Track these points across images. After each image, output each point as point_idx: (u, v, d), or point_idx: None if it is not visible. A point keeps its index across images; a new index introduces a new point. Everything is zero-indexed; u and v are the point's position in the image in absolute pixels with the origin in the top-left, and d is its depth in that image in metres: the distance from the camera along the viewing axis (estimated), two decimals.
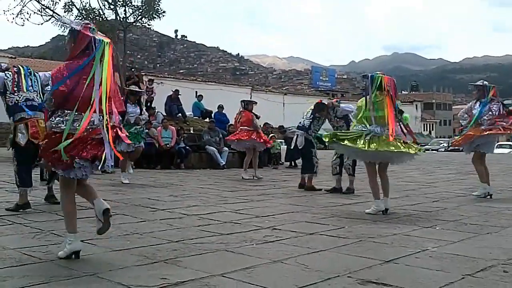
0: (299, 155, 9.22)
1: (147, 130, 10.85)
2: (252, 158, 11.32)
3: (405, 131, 6.32)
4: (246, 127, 11.14)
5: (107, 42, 3.74)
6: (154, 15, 25.54)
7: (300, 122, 8.96)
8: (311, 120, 8.77)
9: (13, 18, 23.59)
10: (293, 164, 15.13)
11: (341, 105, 8.74)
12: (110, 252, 3.94)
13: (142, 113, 9.95)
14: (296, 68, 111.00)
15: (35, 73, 6.06)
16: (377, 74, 6.23)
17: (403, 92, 76.63)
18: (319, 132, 9.32)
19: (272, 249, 4.15)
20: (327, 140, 6.52)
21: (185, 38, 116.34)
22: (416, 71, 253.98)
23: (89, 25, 3.81)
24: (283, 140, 16.60)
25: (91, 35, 3.70)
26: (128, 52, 29.53)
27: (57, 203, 6.08)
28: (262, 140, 11.27)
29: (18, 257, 3.70)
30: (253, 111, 11.39)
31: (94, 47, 3.67)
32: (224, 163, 13.99)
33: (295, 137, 8.99)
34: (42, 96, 5.85)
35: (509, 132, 8.11)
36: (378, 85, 6.07)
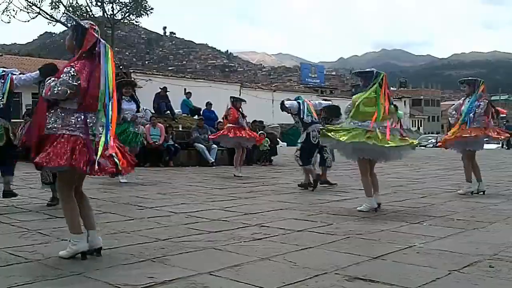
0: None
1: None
2: (239, 155, 11.31)
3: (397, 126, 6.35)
4: (232, 124, 11.13)
5: (109, 46, 3.78)
6: (142, 12, 25.52)
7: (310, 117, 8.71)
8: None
9: None
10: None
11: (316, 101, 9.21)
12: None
13: (140, 110, 9.20)
14: (285, 65, 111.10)
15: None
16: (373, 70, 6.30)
17: (391, 88, 76.90)
18: None
19: (260, 247, 4.15)
20: (320, 135, 6.51)
21: (174, 35, 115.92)
22: (405, 67, 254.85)
23: (94, 26, 3.81)
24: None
25: (96, 36, 3.71)
26: (116, 49, 29.38)
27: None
28: (250, 137, 11.23)
29: (4, 257, 3.67)
30: (240, 109, 11.34)
31: (99, 48, 3.68)
32: (213, 160, 13.96)
33: (313, 132, 8.56)
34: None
35: (500, 138, 8.19)
36: (380, 81, 6.09)
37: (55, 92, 3.52)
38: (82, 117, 3.63)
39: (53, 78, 3.59)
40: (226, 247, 4.11)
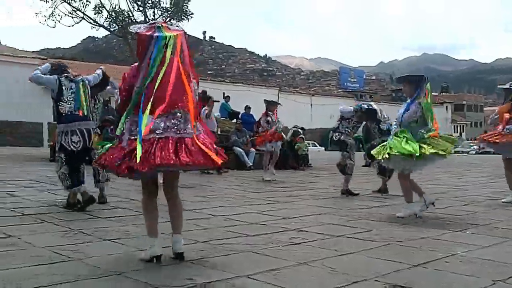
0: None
1: None
2: (272, 157, 11.29)
3: None
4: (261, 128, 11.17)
5: (171, 36, 3.66)
6: (182, 17, 25.79)
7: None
8: (339, 121, 8.69)
9: (45, 20, 24.20)
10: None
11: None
12: (137, 252, 3.96)
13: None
14: (324, 69, 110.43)
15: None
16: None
17: (432, 93, 75.50)
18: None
19: (298, 251, 4.13)
20: (378, 154, 6.04)
21: (213, 40, 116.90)
22: (446, 72, 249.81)
23: (154, 25, 3.77)
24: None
25: (149, 34, 3.65)
26: None
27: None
28: (273, 139, 11.11)
29: (48, 255, 3.75)
30: (271, 112, 11.27)
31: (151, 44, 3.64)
32: (251, 164, 13.98)
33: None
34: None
35: None
36: (429, 87, 5.98)
37: (116, 99, 3.72)
38: (124, 120, 3.69)
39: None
40: (264, 251, 4.10)
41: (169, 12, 25.51)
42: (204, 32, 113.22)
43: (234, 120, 17.78)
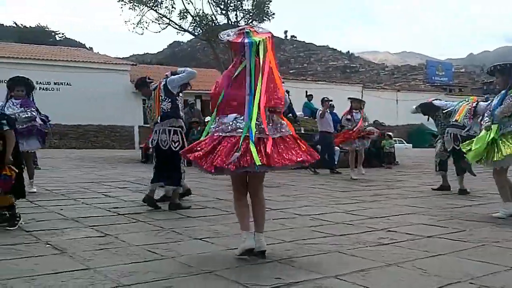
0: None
1: None
2: (358, 154, 11.13)
3: None
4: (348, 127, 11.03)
5: (260, 41, 3.76)
6: (264, 18, 25.96)
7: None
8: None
9: (133, 28, 25.24)
10: None
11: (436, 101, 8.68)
12: (227, 251, 4.06)
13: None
14: (410, 63, 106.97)
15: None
16: None
17: None
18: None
19: (387, 252, 4.05)
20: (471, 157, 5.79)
21: (295, 38, 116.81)
22: None
23: (243, 30, 3.88)
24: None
25: (240, 40, 3.76)
26: None
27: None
28: (360, 136, 10.90)
29: (142, 254, 3.93)
30: (355, 110, 11.14)
31: (244, 51, 3.75)
32: (336, 162, 13.83)
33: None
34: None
35: None
36: None
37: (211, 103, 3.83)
38: (218, 118, 3.78)
39: None
40: (352, 251, 4.05)
41: (251, 14, 25.76)
42: (286, 32, 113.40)
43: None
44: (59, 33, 63.76)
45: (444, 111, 8.29)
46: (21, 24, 68.12)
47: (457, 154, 7.56)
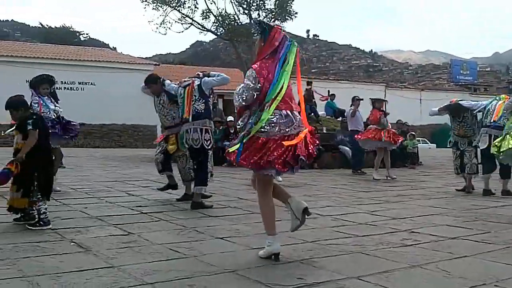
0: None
1: None
2: (384, 157, 11.03)
3: None
4: (374, 126, 10.92)
5: (296, 46, 3.83)
6: (286, 17, 25.88)
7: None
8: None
9: (157, 28, 25.41)
10: None
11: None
12: (249, 250, 4.07)
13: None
14: (434, 62, 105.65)
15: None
16: None
17: None
18: None
19: (411, 253, 4.01)
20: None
21: (317, 37, 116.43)
22: None
23: (279, 27, 3.91)
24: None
25: (283, 33, 3.80)
26: None
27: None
28: (389, 139, 10.83)
29: (165, 252, 3.96)
30: (382, 108, 11.13)
31: (282, 46, 3.75)
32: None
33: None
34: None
35: None
36: None
37: (244, 98, 3.67)
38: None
39: (241, 85, 3.74)
40: (375, 252, 4.03)
41: (273, 13, 25.71)
42: (308, 31, 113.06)
43: (340, 119, 17.62)
44: (84, 33, 64.69)
45: (475, 111, 8.20)
46: (47, 25, 69.38)
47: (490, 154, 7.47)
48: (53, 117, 7.18)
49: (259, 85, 3.66)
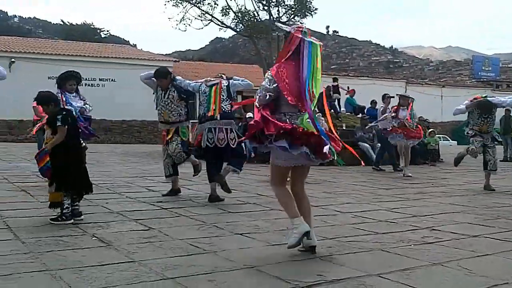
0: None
1: None
2: (404, 154, 10.95)
3: None
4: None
5: (317, 45, 3.85)
6: (306, 13, 25.81)
7: None
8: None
9: (177, 25, 25.57)
10: None
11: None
12: (268, 246, 4.08)
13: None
14: (455, 58, 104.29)
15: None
16: None
17: None
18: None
19: (432, 251, 3.98)
20: None
21: (337, 34, 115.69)
22: None
23: (301, 28, 3.94)
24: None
25: (301, 37, 3.82)
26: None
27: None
28: (410, 136, 10.72)
29: (185, 248, 3.99)
30: (402, 107, 11.01)
31: (302, 47, 3.79)
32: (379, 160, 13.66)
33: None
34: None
35: None
36: None
37: (260, 98, 3.78)
38: (282, 116, 3.77)
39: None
40: (395, 250, 4.00)
41: (293, 10, 25.65)
42: (327, 27, 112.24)
43: (360, 115, 17.51)
44: (104, 30, 65.13)
45: (504, 107, 8.19)
46: (68, 22, 70.08)
47: None
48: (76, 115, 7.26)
49: (274, 85, 3.74)
